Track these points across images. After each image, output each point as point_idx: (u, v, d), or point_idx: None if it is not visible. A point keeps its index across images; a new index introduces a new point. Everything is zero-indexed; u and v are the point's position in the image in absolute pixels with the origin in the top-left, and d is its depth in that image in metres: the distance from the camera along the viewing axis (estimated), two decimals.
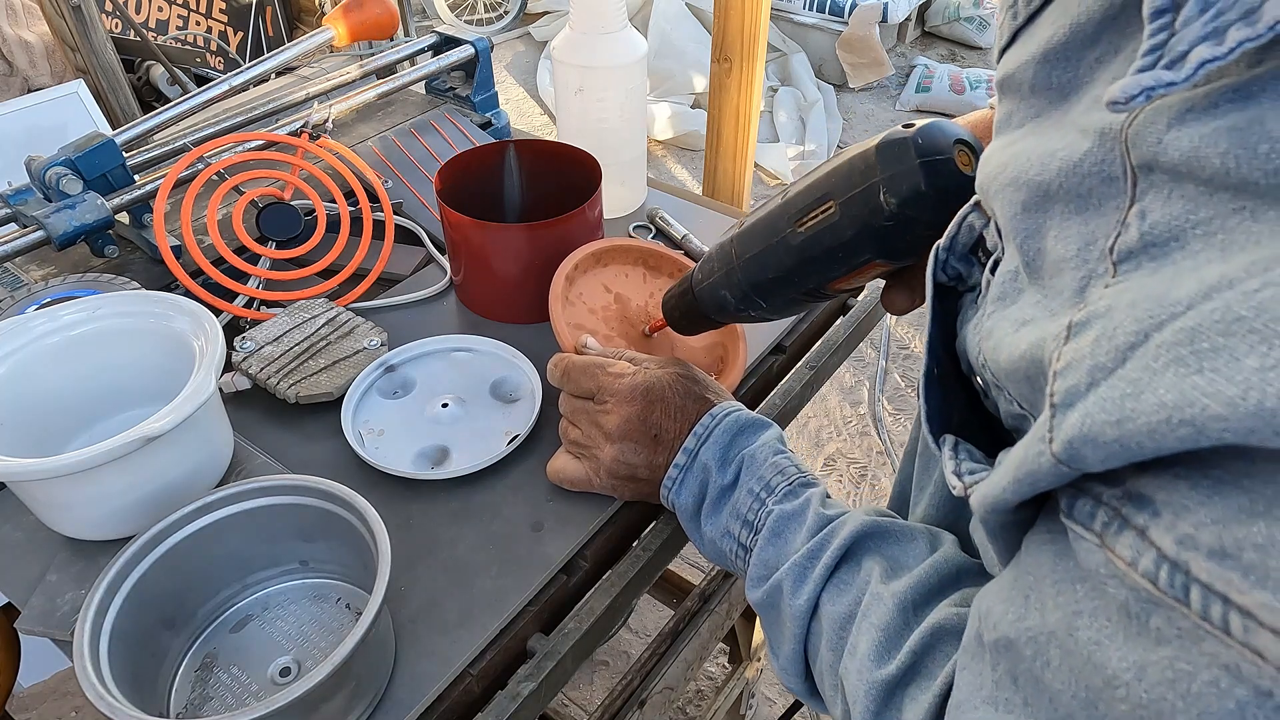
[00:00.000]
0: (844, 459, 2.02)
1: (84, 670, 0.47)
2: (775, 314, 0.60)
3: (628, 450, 0.60)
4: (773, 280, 0.56)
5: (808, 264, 0.53)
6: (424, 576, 0.61)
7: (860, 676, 0.43)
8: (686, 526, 0.60)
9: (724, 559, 0.57)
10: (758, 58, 1.79)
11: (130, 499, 0.59)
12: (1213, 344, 0.22)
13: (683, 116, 3.17)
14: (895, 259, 0.50)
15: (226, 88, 1.01)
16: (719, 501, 0.57)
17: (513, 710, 0.54)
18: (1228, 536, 0.23)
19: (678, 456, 0.58)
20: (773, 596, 0.51)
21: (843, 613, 0.47)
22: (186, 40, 2.60)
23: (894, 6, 3.47)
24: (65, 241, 0.79)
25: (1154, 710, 0.25)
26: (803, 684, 0.51)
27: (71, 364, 0.65)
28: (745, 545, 0.55)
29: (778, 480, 0.55)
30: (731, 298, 0.60)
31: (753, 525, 0.54)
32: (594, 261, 0.79)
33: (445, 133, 1.04)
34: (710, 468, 0.57)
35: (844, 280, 0.53)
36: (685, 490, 0.58)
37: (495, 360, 0.78)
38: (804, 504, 0.53)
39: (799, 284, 0.55)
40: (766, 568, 0.52)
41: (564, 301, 0.74)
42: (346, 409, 0.71)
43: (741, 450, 0.57)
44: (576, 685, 1.59)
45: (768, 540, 0.53)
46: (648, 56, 0.92)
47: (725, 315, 0.62)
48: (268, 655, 0.58)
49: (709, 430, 0.58)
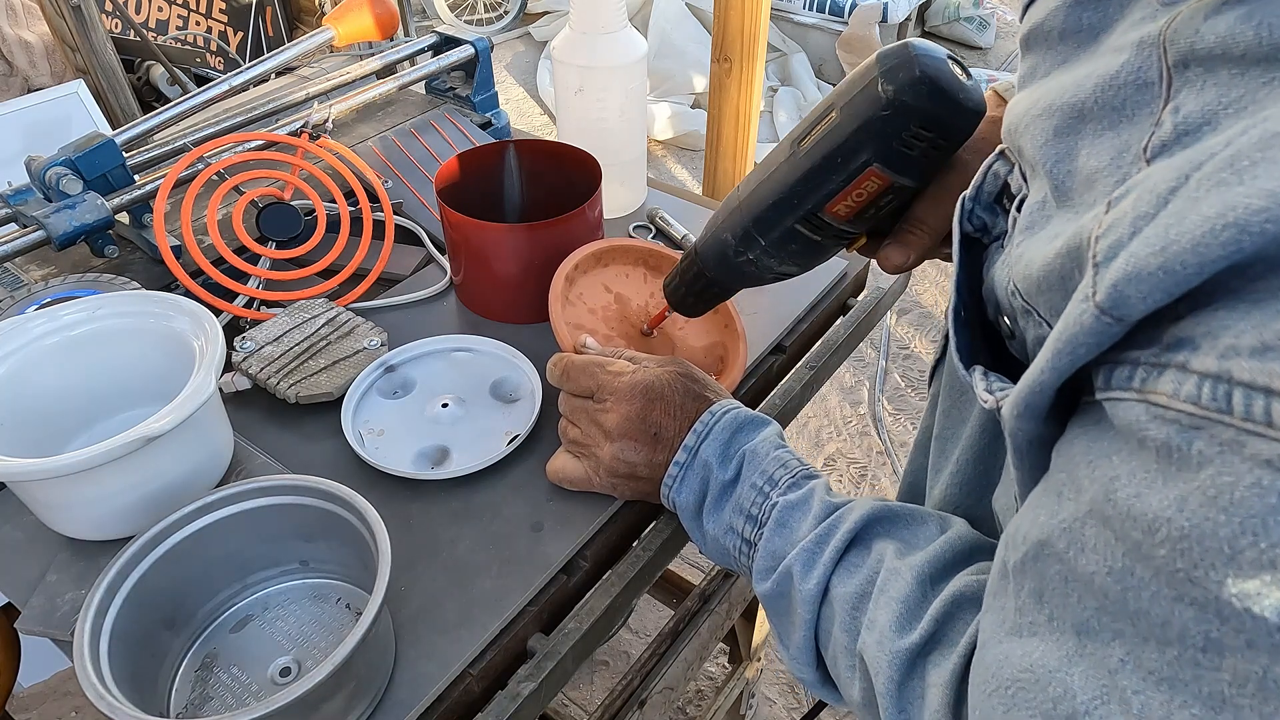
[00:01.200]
0: (844, 459, 2.02)
1: (84, 670, 0.47)
2: (774, 258, 0.58)
3: (627, 449, 0.60)
4: (773, 206, 0.55)
5: (807, 177, 0.53)
6: (424, 576, 0.61)
7: (882, 648, 0.43)
8: (688, 525, 0.60)
9: (726, 557, 0.57)
10: (758, 58, 1.79)
11: (130, 499, 0.59)
12: (1251, 160, 0.23)
13: (683, 116, 3.17)
14: (891, 165, 0.50)
15: (226, 88, 1.01)
16: (721, 498, 0.56)
17: (513, 710, 0.54)
18: (1268, 333, 0.23)
19: (678, 454, 0.58)
20: (781, 585, 0.51)
21: (855, 592, 0.47)
22: (186, 40, 2.60)
23: (894, 6, 3.47)
24: (65, 241, 0.79)
25: (1194, 537, 0.24)
26: (814, 672, 0.51)
27: (71, 364, 0.65)
28: (749, 540, 0.54)
29: (780, 473, 0.55)
30: (732, 239, 0.59)
31: (756, 519, 0.54)
32: (594, 262, 0.79)
33: (445, 133, 1.04)
34: (711, 465, 0.57)
35: (842, 198, 0.52)
36: (686, 488, 0.58)
37: (495, 360, 0.78)
38: (808, 494, 0.53)
39: (798, 206, 0.54)
40: (774, 558, 0.52)
41: (564, 301, 0.74)
42: (346, 409, 0.71)
43: (742, 446, 0.57)
44: (576, 685, 1.59)
45: (773, 531, 0.52)
46: (648, 56, 0.92)
47: (726, 268, 0.61)
48: (268, 655, 0.58)
49: (709, 427, 0.58)
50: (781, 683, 1.64)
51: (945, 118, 0.48)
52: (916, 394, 2.17)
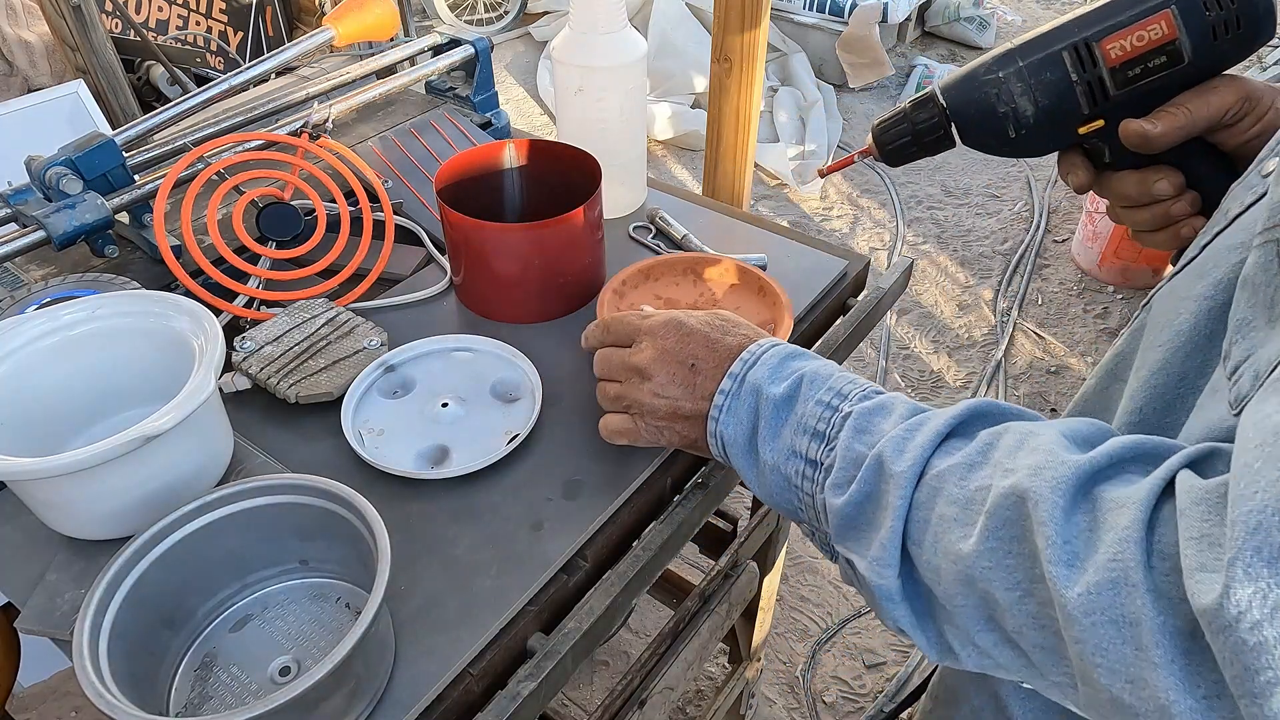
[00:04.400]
0: None
1: (84, 669, 0.47)
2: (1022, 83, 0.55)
3: (664, 383, 0.57)
4: (1053, 28, 0.54)
5: (1101, 9, 0.52)
6: (424, 576, 0.61)
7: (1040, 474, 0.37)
8: (740, 465, 0.54)
9: (787, 491, 0.51)
10: (758, 58, 1.78)
11: (130, 498, 0.59)
12: None
13: (683, 116, 3.17)
14: (1185, 18, 0.50)
15: (226, 88, 1.01)
16: (777, 419, 0.51)
17: (513, 710, 0.54)
18: None
19: (723, 383, 0.54)
20: (866, 483, 0.45)
21: (963, 463, 0.41)
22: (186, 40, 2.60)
23: (894, 6, 3.47)
24: (65, 241, 0.79)
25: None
26: (894, 575, 0.44)
27: (71, 364, 0.65)
28: (816, 460, 0.48)
29: (851, 388, 0.49)
30: (990, 59, 0.56)
31: (824, 435, 0.48)
32: (642, 278, 0.84)
33: (445, 133, 1.04)
34: (762, 387, 0.52)
35: (1124, 34, 0.52)
36: (733, 418, 0.53)
37: (495, 360, 0.78)
38: (889, 400, 0.48)
39: (1078, 30, 0.53)
40: (853, 463, 0.46)
41: (615, 309, 0.79)
42: (346, 409, 0.71)
43: (800, 369, 0.52)
44: (576, 685, 1.59)
45: (852, 437, 0.46)
46: (648, 56, 0.92)
47: (964, 90, 0.57)
48: (267, 654, 0.58)
49: (755, 356, 0.54)
50: (781, 683, 1.64)
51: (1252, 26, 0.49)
52: (917, 394, 2.17)
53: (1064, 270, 2.55)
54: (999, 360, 2.23)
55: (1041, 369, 2.23)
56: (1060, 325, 2.36)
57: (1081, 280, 2.51)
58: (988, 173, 2.99)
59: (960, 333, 2.35)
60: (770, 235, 0.95)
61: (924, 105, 0.60)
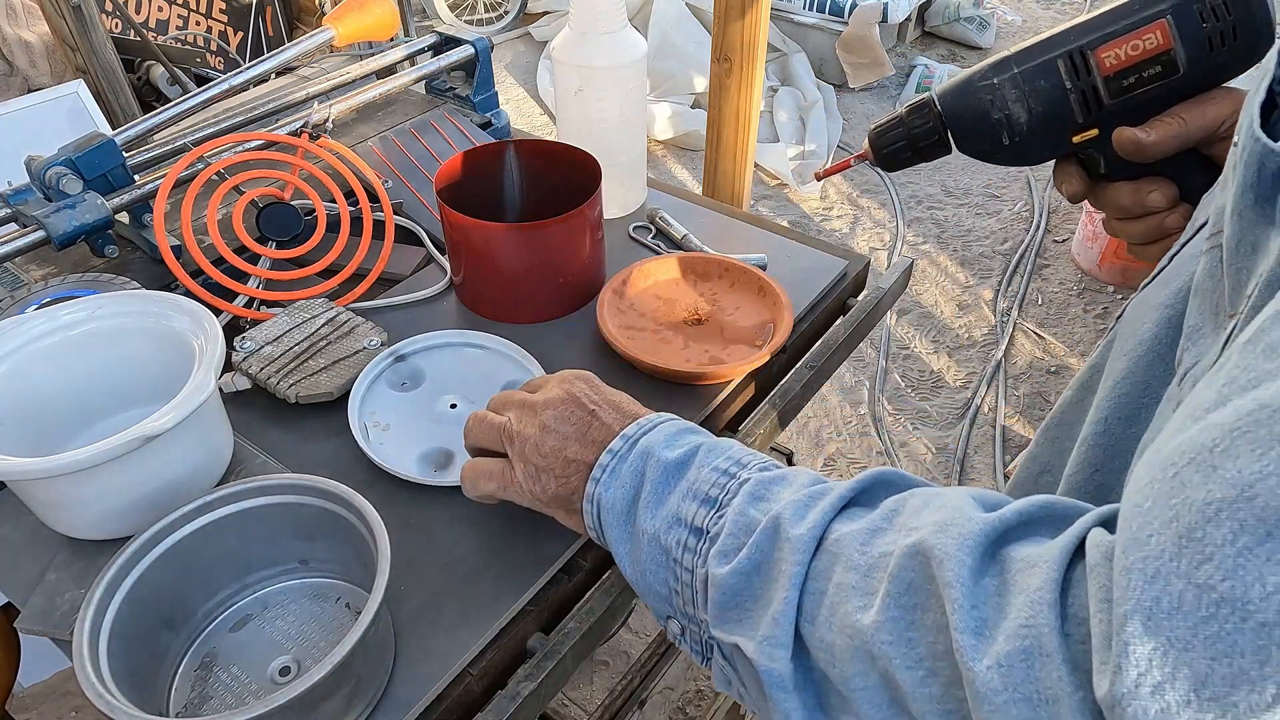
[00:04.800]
0: (844, 459, 2.02)
1: (83, 669, 0.47)
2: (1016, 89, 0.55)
3: (558, 417, 0.52)
4: (1047, 37, 0.54)
5: (1096, 18, 0.53)
6: (424, 576, 0.61)
7: (945, 532, 0.34)
8: (612, 534, 0.49)
9: (662, 568, 0.46)
10: (758, 58, 1.79)
11: (130, 498, 0.59)
12: None
13: (683, 116, 3.17)
14: (1180, 28, 0.50)
15: (226, 88, 1.01)
16: (665, 484, 0.46)
17: (513, 710, 0.54)
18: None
19: (614, 442, 0.50)
20: (759, 550, 0.41)
21: (866, 528, 0.38)
22: (186, 40, 2.60)
23: (894, 6, 3.47)
24: (65, 241, 0.79)
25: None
26: (786, 657, 0.39)
27: (71, 364, 0.65)
28: (703, 528, 0.44)
29: (752, 459, 0.46)
30: (985, 66, 0.56)
31: (716, 501, 0.44)
32: (643, 278, 0.84)
33: (445, 133, 1.04)
34: (653, 450, 0.48)
35: (1119, 43, 0.52)
36: (616, 480, 0.48)
37: (505, 361, 0.78)
38: (792, 472, 0.44)
39: (1073, 38, 0.53)
40: (745, 529, 0.42)
41: (615, 311, 0.80)
42: (353, 400, 0.71)
43: (698, 440, 0.48)
44: (576, 685, 1.59)
45: (747, 503, 0.43)
46: (648, 56, 0.92)
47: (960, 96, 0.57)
48: (267, 655, 0.58)
49: (653, 424, 0.50)
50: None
51: (1252, 9, 0.49)
52: (916, 394, 2.17)
53: (1064, 270, 2.55)
54: (999, 360, 2.23)
55: (1041, 369, 2.23)
56: (1060, 325, 2.36)
57: (1081, 280, 2.51)
58: (988, 173, 2.99)
59: (960, 333, 2.35)
60: (770, 235, 0.95)
61: (920, 111, 0.60)
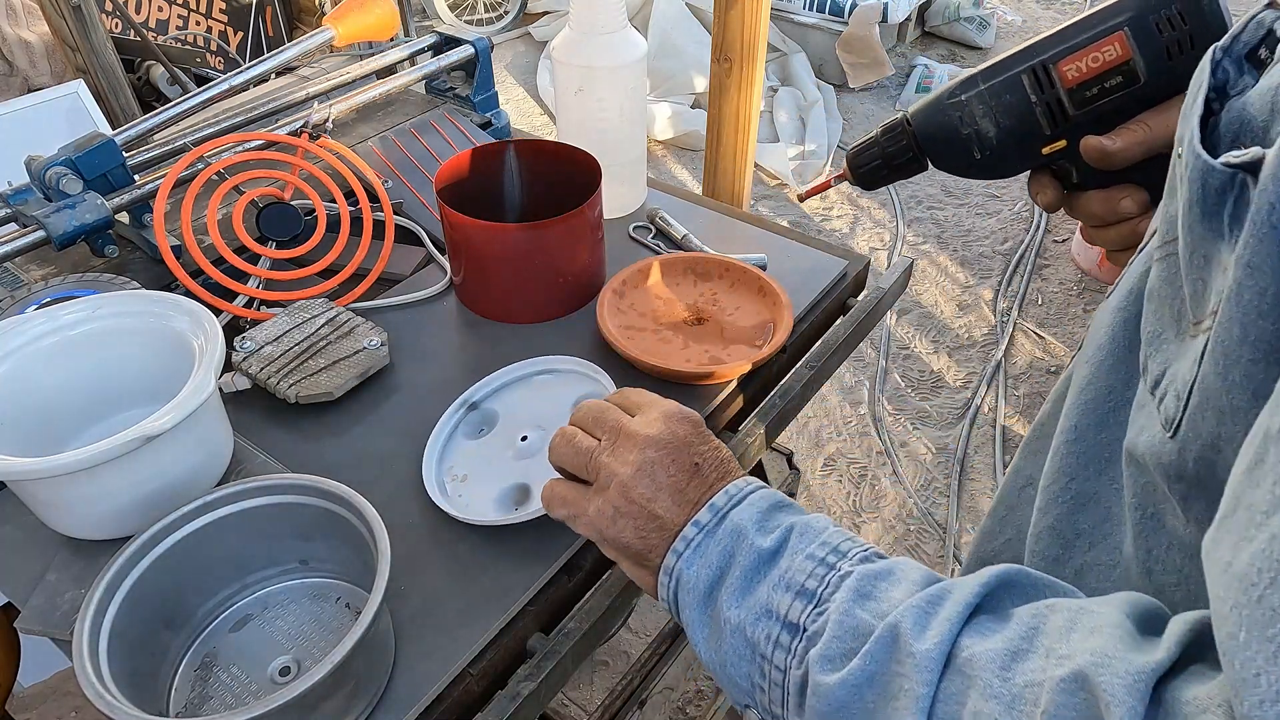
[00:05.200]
0: (844, 459, 2.01)
1: (83, 669, 0.47)
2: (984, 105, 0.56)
3: (656, 462, 0.47)
4: (1010, 54, 0.56)
5: (1057, 31, 0.54)
6: (424, 576, 0.61)
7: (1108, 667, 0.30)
8: (690, 615, 0.44)
9: (747, 661, 0.42)
10: (758, 58, 1.79)
11: (130, 498, 0.59)
12: None
13: (683, 116, 3.17)
14: (1138, 39, 0.52)
15: (226, 88, 1.01)
16: (755, 572, 0.42)
17: (513, 710, 0.54)
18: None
19: (699, 513, 0.45)
20: (875, 660, 0.36)
21: (1003, 649, 0.33)
22: (186, 40, 2.60)
23: (894, 6, 3.47)
24: (65, 241, 0.79)
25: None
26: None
27: (71, 364, 0.65)
28: (798, 625, 0.40)
29: (850, 545, 0.42)
30: (954, 84, 0.58)
31: (814, 595, 0.40)
32: (643, 278, 0.84)
33: (445, 133, 1.04)
34: (745, 530, 0.44)
35: (1079, 56, 0.53)
36: (701, 558, 0.44)
37: (576, 379, 0.75)
38: (898, 565, 0.40)
39: (1034, 54, 0.54)
40: (857, 633, 0.37)
41: (615, 311, 0.81)
42: (429, 459, 0.68)
43: (789, 519, 0.45)
44: (576, 685, 1.59)
45: (854, 602, 0.38)
46: (648, 56, 0.92)
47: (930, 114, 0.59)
48: (267, 655, 0.58)
49: (743, 491, 0.46)
50: None
51: (1206, 16, 0.50)
52: (917, 394, 2.17)
53: (1064, 270, 2.55)
54: (999, 360, 2.23)
55: (1041, 369, 2.23)
56: (1060, 325, 2.36)
57: (1081, 280, 2.51)
58: None
59: (960, 333, 2.35)
60: (770, 235, 0.95)
61: (893, 130, 0.62)
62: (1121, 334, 0.43)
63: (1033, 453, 0.53)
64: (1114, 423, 0.43)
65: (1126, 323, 0.43)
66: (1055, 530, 0.46)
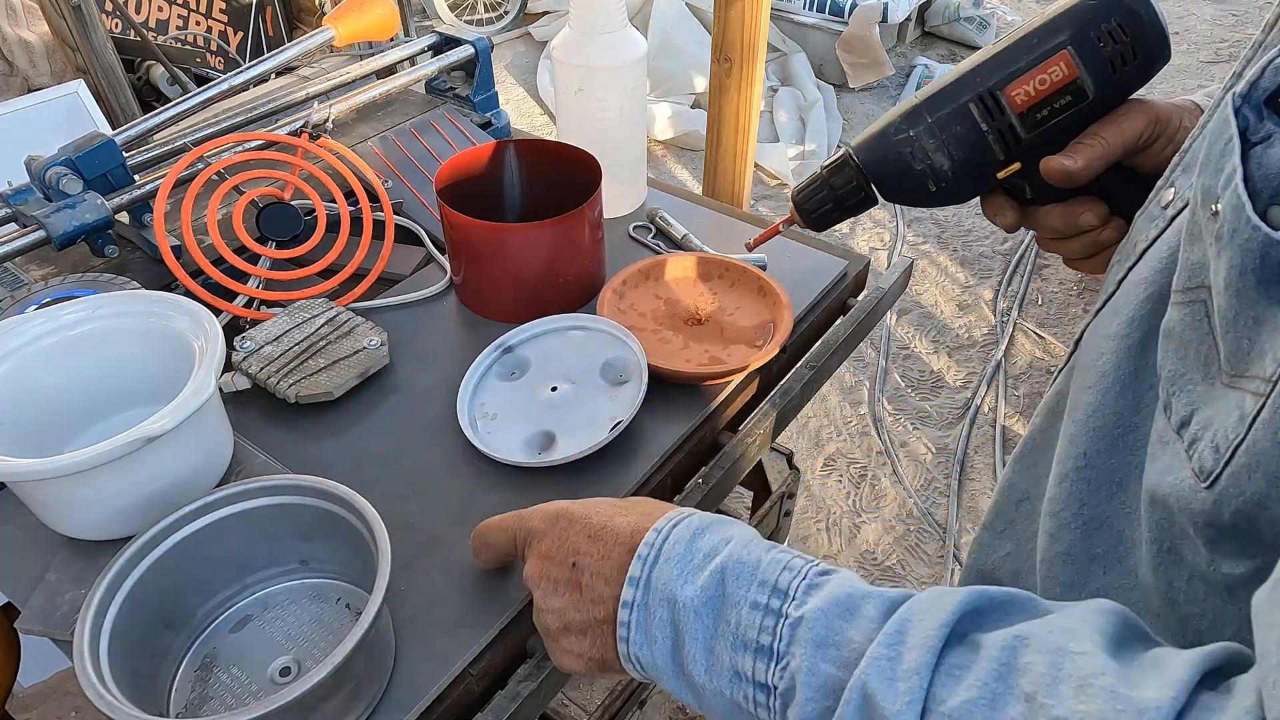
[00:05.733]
0: (844, 459, 2.01)
1: (84, 670, 0.47)
2: (934, 139, 0.55)
3: (545, 593, 0.46)
4: (953, 81, 0.55)
5: (999, 54, 0.54)
6: (424, 576, 0.61)
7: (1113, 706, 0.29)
8: (672, 686, 0.42)
9: (739, 714, 0.40)
10: (758, 58, 1.79)
11: (130, 499, 0.59)
12: None
13: (683, 116, 3.17)
14: (1083, 56, 0.51)
15: (226, 88, 1.01)
16: (701, 633, 0.40)
17: (513, 710, 0.54)
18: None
19: (624, 591, 0.43)
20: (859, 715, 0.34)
21: (979, 697, 0.31)
22: (186, 40, 2.60)
23: (894, 6, 3.47)
24: (65, 241, 0.79)
25: None
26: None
27: (71, 364, 0.65)
28: (767, 685, 0.38)
29: (787, 577, 0.39)
30: (898, 117, 0.56)
31: (771, 650, 0.38)
32: (643, 277, 0.85)
33: (445, 133, 1.04)
34: (674, 594, 0.41)
35: (1025, 79, 0.53)
36: (645, 638, 0.42)
37: (607, 340, 0.78)
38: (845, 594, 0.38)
39: (980, 81, 0.54)
40: (827, 691, 0.36)
41: (615, 311, 0.81)
42: (463, 393, 0.74)
43: (714, 554, 0.42)
44: (576, 685, 1.59)
45: (814, 654, 0.36)
46: (648, 56, 0.92)
47: (878, 150, 0.58)
48: (267, 655, 0.58)
49: (656, 549, 0.43)
50: None
51: (1145, 26, 0.51)
52: (916, 394, 2.17)
53: (1064, 270, 2.55)
54: (999, 360, 2.23)
55: (1041, 369, 2.23)
56: (1060, 325, 2.36)
57: (1081, 280, 2.51)
58: None
59: (960, 333, 2.35)
60: None
61: (840, 170, 0.61)
62: (1126, 361, 0.43)
63: (1027, 467, 0.53)
64: (1124, 448, 0.44)
65: (1131, 350, 0.43)
66: (1069, 556, 0.46)
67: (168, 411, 0.56)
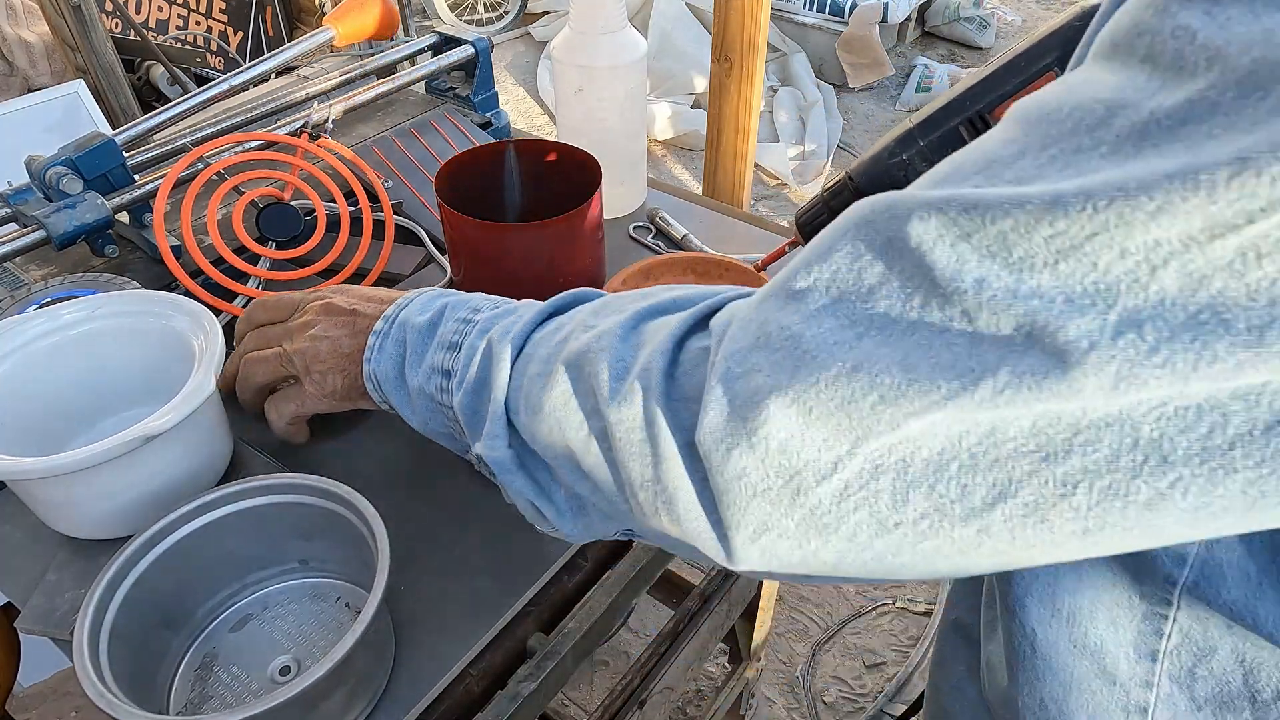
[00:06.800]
0: None
1: (84, 669, 0.47)
2: (927, 162, 0.57)
3: (327, 326, 0.57)
4: (944, 106, 0.55)
5: (989, 77, 0.54)
6: (424, 576, 0.61)
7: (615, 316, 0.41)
8: (395, 400, 0.54)
9: (435, 413, 0.51)
10: (758, 58, 1.79)
11: (130, 498, 0.59)
12: None
13: (683, 116, 3.17)
14: None
15: (226, 88, 1.01)
16: (421, 345, 0.51)
17: (513, 710, 0.54)
18: None
19: (377, 324, 0.55)
20: (481, 370, 0.46)
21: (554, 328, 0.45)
22: (186, 40, 2.60)
23: (894, 6, 3.47)
24: (65, 241, 0.79)
25: None
26: (505, 446, 0.45)
27: (72, 364, 0.66)
28: (449, 370, 0.49)
29: (486, 302, 0.51)
30: (891, 142, 0.58)
31: (457, 345, 0.49)
32: (643, 278, 0.84)
33: (445, 133, 1.04)
34: (409, 320, 0.53)
35: (1013, 101, 0.53)
36: (383, 355, 0.54)
37: None
38: (521, 305, 0.49)
39: (969, 105, 0.54)
40: (470, 357, 0.48)
41: None
42: None
43: (446, 299, 0.53)
44: (576, 685, 1.59)
45: (476, 338, 0.48)
46: (648, 56, 0.92)
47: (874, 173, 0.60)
48: (267, 654, 0.58)
49: (410, 299, 0.55)
50: (781, 683, 1.64)
51: None
52: None
53: None
54: None
55: None
56: None
57: None
58: None
59: None
60: (770, 235, 0.95)
61: (839, 193, 0.63)
62: None
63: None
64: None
65: None
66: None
67: (167, 410, 0.56)
